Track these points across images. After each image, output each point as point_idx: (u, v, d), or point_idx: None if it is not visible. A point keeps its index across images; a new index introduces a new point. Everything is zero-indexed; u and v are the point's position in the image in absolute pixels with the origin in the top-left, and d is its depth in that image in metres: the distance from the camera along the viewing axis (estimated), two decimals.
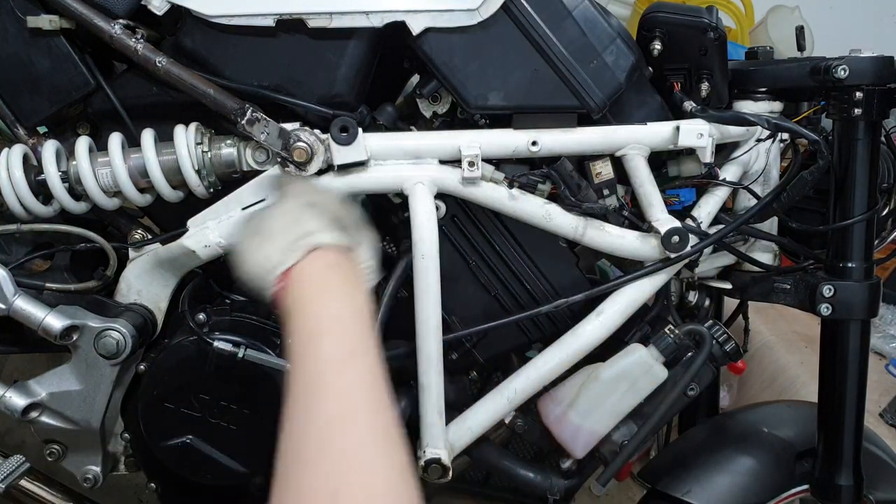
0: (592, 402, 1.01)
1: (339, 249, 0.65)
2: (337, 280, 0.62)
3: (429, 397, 0.96)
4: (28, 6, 0.90)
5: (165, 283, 1.01)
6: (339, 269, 0.63)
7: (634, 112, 0.98)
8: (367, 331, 0.59)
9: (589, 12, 0.91)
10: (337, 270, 0.63)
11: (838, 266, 0.97)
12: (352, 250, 0.66)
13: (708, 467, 1.07)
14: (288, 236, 0.64)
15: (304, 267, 0.63)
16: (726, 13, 2.21)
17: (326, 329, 0.58)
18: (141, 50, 0.87)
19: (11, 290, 0.92)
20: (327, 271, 0.63)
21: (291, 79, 0.92)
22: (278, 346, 1.02)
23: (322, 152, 0.90)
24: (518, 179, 0.95)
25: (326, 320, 0.59)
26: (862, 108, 0.91)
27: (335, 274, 0.63)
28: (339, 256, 0.64)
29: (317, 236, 0.64)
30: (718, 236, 0.97)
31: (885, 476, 1.11)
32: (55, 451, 1.05)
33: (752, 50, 1.10)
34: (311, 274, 0.62)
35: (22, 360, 1.67)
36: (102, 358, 0.96)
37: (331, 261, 0.63)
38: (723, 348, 1.03)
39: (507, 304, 1.04)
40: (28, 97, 0.94)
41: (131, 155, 0.92)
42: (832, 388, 1.00)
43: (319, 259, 0.63)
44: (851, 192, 0.94)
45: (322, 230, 0.65)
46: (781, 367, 1.78)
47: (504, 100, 0.92)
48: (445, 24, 0.88)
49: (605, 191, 0.97)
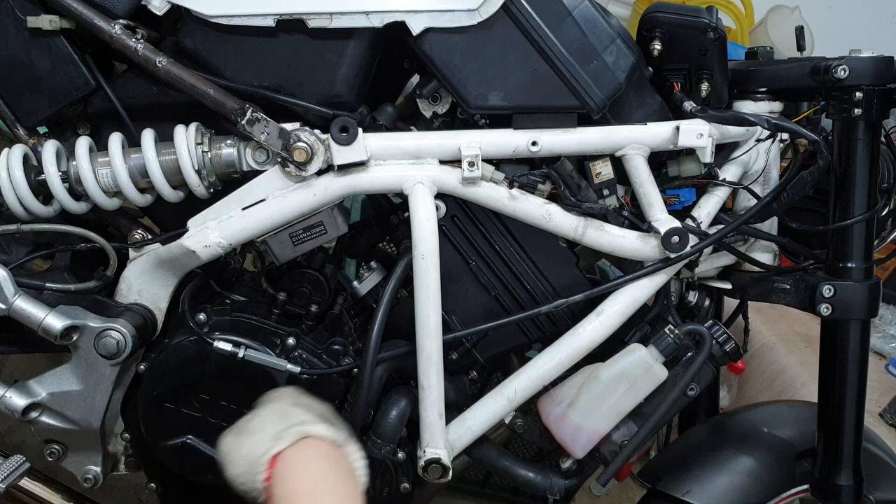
0: (592, 402, 1.01)
1: (330, 442, 0.63)
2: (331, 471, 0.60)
3: (429, 397, 0.96)
4: (28, 6, 0.90)
5: (165, 283, 1.01)
6: (332, 460, 0.61)
7: (634, 112, 0.98)
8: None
9: (589, 12, 0.91)
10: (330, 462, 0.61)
11: (838, 266, 0.97)
12: (342, 446, 0.64)
13: (708, 467, 1.07)
14: (278, 425, 0.63)
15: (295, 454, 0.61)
16: (726, 13, 2.21)
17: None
18: (141, 50, 0.87)
19: (11, 290, 0.92)
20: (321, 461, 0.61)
21: (291, 79, 0.92)
22: (278, 346, 1.02)
23: (322, 152, 0.90)
24: (518, 179, 0.95)
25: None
26: (862, 108, 0.91)
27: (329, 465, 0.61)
28: (332, 448, 0.63)
29: (308, 426, 0.63)
30: (718, 236, 0.97)
31: (885, 476, 1.11)
32: (55, 451, 1.05)
33: (752, 50, 1.10)
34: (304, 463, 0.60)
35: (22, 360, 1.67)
36: (102, 358, 0.96)
37: (323, 451, 0.62)
38: (723, 348, 1.03)
39: (507, 304, 1.04)
40: (28, 97, 0.94)
41: (131, 155, 0.92)
42: (832, 388, 1.00)
43: (312, 448, 0.61)
44: (851, 192, 0.94)
45: (313, 422, 0.63)
46: (781, 367, 1.78)
47: (504, 100, 0.92)
48: (445, 24, 0.88)
49: (605, 191, 0.97)
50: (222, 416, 1.01)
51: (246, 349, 0.98)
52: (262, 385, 0.99)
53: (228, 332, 1.00)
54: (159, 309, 1.02)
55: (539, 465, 1.12)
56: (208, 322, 1.01)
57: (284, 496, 0.57)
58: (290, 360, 1.00)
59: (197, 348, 0.99)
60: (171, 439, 1.02)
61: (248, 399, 1.00)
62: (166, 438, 1.02)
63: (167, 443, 1.02)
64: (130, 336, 0.95)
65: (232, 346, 0.98)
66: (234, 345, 0.98)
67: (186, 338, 0.99)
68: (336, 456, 0.61)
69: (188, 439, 1.01)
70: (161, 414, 1.01)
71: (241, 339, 0.99)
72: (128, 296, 1.00)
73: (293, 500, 0.56)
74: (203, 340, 0.98)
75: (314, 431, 0.62)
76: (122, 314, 0.98)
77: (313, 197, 0.93)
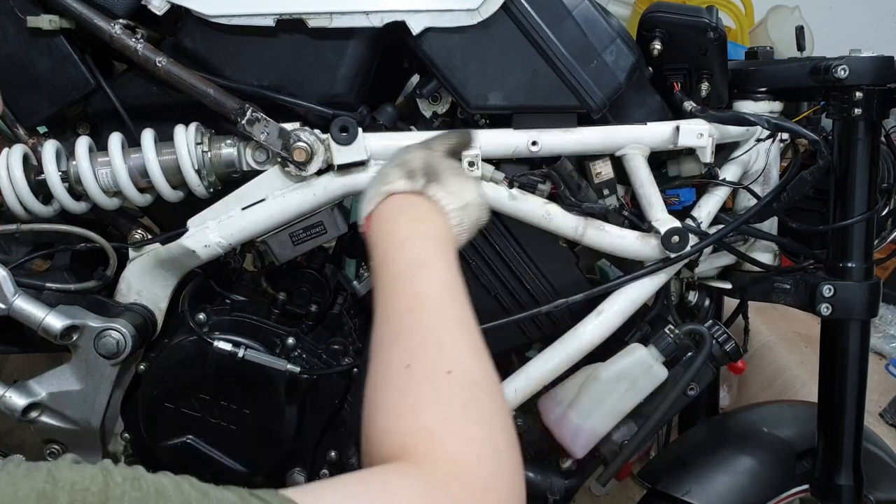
0: (592, 402, 1.01)
1: (410, 192, 0.74)
2: (408, 213, 0.73)
3: None
4: (28, 6, 0.90)
5: (165, 283, 1.01)
6: (410, 205, 0.73)
7: (634, 112, 0.98)
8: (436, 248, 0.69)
9: (589, 12, 0.91)
10: (408, 207, 0.73)
11: (838, 266, 0.97)
12: (423, 193, 0.74)
13: (708, 467, 1.07)
14: (372, 191, 0.75)
15: (379, 210, 0.74)
16: (726, 13, 2.21)
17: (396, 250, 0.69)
18: (141, 50, 0.87)
19: (11, 290, 0.92)
20: (398, 209, 0.73)
21: (291, 79, 0.92)
22: (278, 346, 1.02)
23: (322, 152, 0.90)
24: (518, 179, 0.95)
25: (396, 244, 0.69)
26: (862, 108, 0.91)
27: (406, 209, 0.73)
28: (410, 197, 0.73)
29: (390, 186, 0.74)
30: (718, 236, 0.97)
31: (885, 476, 1.11)
32: (55, 451, 1.05)
33: (752, 50, 1.10)
34: (383, 213, 0.73)
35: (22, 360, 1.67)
36: (102, 358, 0.96)
37: (400, 202, 0.73)
38: (723, 348, 1.03)
39: (507, 304, 1.04)
40: (28, 97, 0.94)
41: (131, 155, 0.92)
42: (832, 388, 1.00)
43: (391, 201, 0.73)
44: (851, 192, 0.94)
45: (396, 180, 0.74)
46: (781, 367, 1.78)
47: (504, 100, 0.92)
48: (445, 24, 0.88)
49: (605, 191, 0.97)
50: (222, 416, 1.01)
51: (246, 349, 0.98)
52: (262, 385, 0.99)
53: (228, 332, 1.00)
54: (159, 309, 1.02)
55: (539, 465, 1.12)
56: (208, 322, 1.01)
57: (373, 244, 0.71)
58: (290, 360, 1.00)
59: (197, 348, 0.99)
60: (171, 439, 1.02)
61: (248, 399, 1.00)
62: (166, 438, 1.02)
63: (167, 443, 1.02)
64: (130, 336, 0.95)
65: (232, 346, 0.98)
66: (234, 345, 0.98)
67: (186, 338, 0.99)
68: (413, 201, 0.73)
69: (188, 439, 1.01)
70: (161, 414, 1.01)
71: (241, 339, 0.99)
72: (128, 296, 1.00)
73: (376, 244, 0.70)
74: (203, 340, 0.98)
75: (394, 189, 0.73)
76: (121, 314, 0.98)
77: (313, 197, 0.93)
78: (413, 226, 0.71)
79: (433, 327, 0.61)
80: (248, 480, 1.02)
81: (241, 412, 1.01)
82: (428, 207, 0.73)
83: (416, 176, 0.74)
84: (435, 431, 0.53)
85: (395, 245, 0.69)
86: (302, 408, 1.05)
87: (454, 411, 0.55)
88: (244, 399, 1.00)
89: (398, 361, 0.59)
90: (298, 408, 1.04)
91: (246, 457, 1.02)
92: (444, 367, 0.57)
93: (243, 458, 1.02)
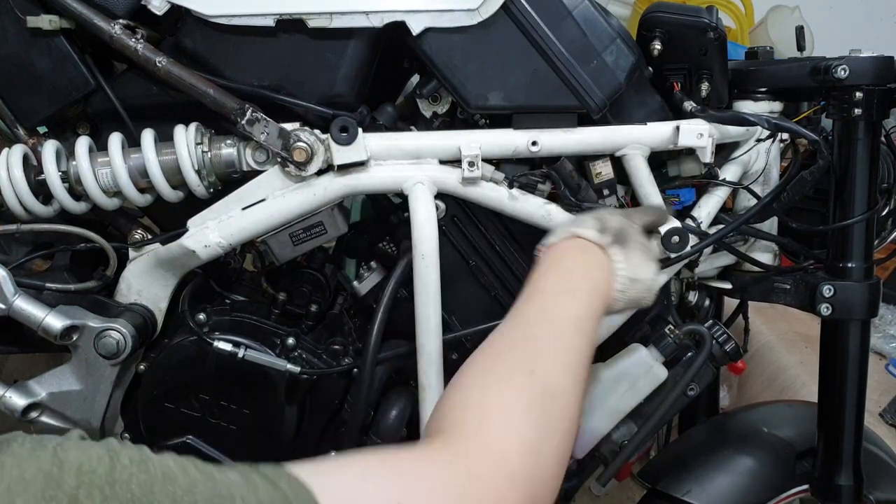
0: (592, 402, 1.01)
1: (595, 242, 0.77)
2: (579, 257, 0.75)
3: (429, 397, 0.96)
4: (28, 6, 0.90)
5: (165, 283, 1.01)
6: (586, 252, 0.75)
7: (634, 112, 0.98)
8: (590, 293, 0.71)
9: (589, 12, 0.91)
10: (583, 252, 0.75)
11: (838, 266, 0.97)
12: (605, 249, 0.76)
13: (708, 467, 1.07)
14: (563, 228, 0.79)
15: (560, 244, 0.77)
16: (726, 13, 2.21)
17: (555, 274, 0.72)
18: (141, 50, 0.87)
19: (11, 290, 0.92)
20: (574, 251, 0.76)
21: (291, 79, 0.92)
22: (278, 346, 1.02)
23: (322, 152, 0.90)
24: (518, 179, 0.95)
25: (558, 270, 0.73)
26: (862, 108, 0.91)
27: (579, 253, 0.75)
28: (592, 247, 0.76)
29: (580, 229, 0.77)
30: (718, 236, 0.97)
31: (885, 476, 1.11)
32: None
33: (752, 50, 1.10)
34: (561, 248, 0.76)
35: (22, 360, 1.67)
36: (102, 358, 0.96)
37: (582, 245, 0.76)
38: (723, 348, 1.03)
39: (508, 304, 1.03)
40: (28, 97, 0.94)
41: (131, 155, 0.92)
42: (832, 388, 1.00)
43: (575, 242, 0.76)
44: (851, 192, 0.94)
45: (588, 228, 0.77)
46: (781, 367, 1.78)
47: (504, 100, 0.92)
48: (445, 24, 0.88)
49: (605, 191, 0.97)
50: (222, 416, 1.01)
51: (246, 349, 0.98)
52: (262, 385, 0.99)
53: (228, 332, 1.00)
54: (159, 309, 1.02)
55: None
56: (208, 322, 1.01)
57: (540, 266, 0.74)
58: (290, 360, 1.00)
59: (197, 348, 0.99)
60: (171, 439, 1.02)
61: (248, 399, 1.00)
62: (166, 438, 1.02)
63: (167, 443, 1.02)
64: (130, 336, 0.95)
65: (232, 346, 0.98)
66: (234, 345, 0.98)
67: (186, 338, 0.99)
68: (592, 251, 0.75)
69: (188, 439, 1.01)
70: (161, 414, 1.01)
71: (241, 339, 0.99)
72: (128, 296, 1.00)
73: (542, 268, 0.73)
74: (203, 340, 0.98)
75: (581, 233, 0.76)
76: (121, 314, 0.98)
77: (313, 197, 0.93)
78: (582, 267, 0.74)
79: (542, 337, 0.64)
80: None
81: (241, 412, 1.01)
82: (602, 262, 0.75)
83: (606, 232, 0.77)
84: (491, 415, 0.54)
85: (557, 270, 0.73)
86: (302, 408, 1.05)
87: (518, 405, 0.56)
88: (244, 399, 1.00)
89: (494, 350, 0.62)
90: (298, 408, 1.04)
91: (246, 457, 1.01)
92: (530, 366, 0.60)
93: (243, 458, 1.01)
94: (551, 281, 0.72)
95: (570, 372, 0.63)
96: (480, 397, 0.57)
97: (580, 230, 0.77)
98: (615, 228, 0.78)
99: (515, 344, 0.63)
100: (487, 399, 0.56)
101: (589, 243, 0.76)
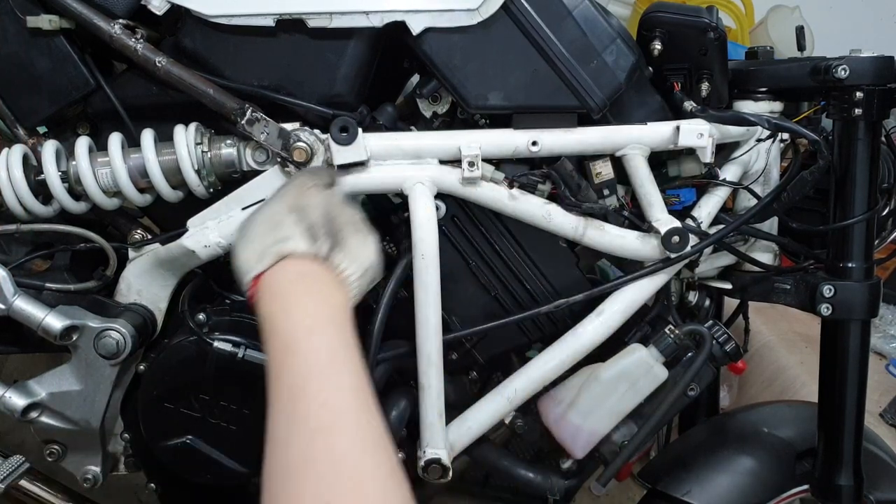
0: (592, 402, 1.01)
1: (312, 258, 0.65)
2: (306, 290, 0.62)
3: (429, 397, 0.96)
4: (28, 6, 0.90)
5: (165, 283, 1.01)
6: (309, 278, 0.63)
7: (634, 112, 0.98)
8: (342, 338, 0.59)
9: (589, 12, 0.91)
10: (306, 280, 0.63)
11: (838, 266, 0.97)
12: (327, 259, 0.65)
13: (708, 467, 1.07)
14: (264, 241, 0.65)
15: (273, 276, 0.63)
16: (726, 13, 2.21)
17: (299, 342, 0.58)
18: (141, 50, 0.87)
19: (11, 290, 0.92)
20: (296, 282, 0.63)
21: (291, 79, 0.92)
22: None
23: (322, 152, 0.90)
24: (518, 179, 0.95)
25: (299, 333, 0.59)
26: (862, 108, 0.91)
27: (304, 284, 0.63)
28: (311, 265, 0.64)
29: (289, 244, 0.64)
30: (718, 236, 0.97)
31: (885, 476, 1.11)
32: (55, 451, 1.05)
33: (752, 50, 1.10)
34: (279, 284, 0.62)
35: (22, 360, 1.67)
36: (102, 358, 0.96)
37: (301, 270, 0.63)
38: (723, 348, 1.03)
39: (507, 305, 1.04)
40: (28, 97, 0.94)
41: (131, 155, 0.92)
42: (832, 388, 1.00)
43: (289, 268, 0.63)
44: (851, 192, 0.94)
45: (295, 237, 0.64)
46: (781, 367, 1.78)
47: (504, 100, 0.92)
48: (445, 24, 0.88)
49: (605, 191, 0.97)
50: (222, 416, 1.01)
51: (246, 349, 0.98)
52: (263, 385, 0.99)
53: (228, 332, 1.00)
54: (159, 309, 1.02)
55: (539, 465, 1.12)
56: (208, 322, 1.00)
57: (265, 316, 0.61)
58: None
59: (197, 348, 0.99)
60: (171, 439, 1.01)
61: (248, 399, 1.00)
62: (166, 438, 1.02)
63: (167, 443, 1.02)
64: (130, 336, 0.95)
65: (232, 346, 0.98)
66: (234, 345, 0.98)
67: (186, 338, 0.99)
68: (315, 272, 0.63)
69: (188, 439, 1.01)
70: (161, 414, 1.01)
71: (241, 339, 0.99)
72: (127, 296, 1.00)
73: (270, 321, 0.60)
74: (203, 340, 0.97)
75: (294, 250, 0.63)
76: (121, 314, 0.98)
77: None
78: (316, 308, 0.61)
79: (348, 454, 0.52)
80: (247, 480, 1.02)
81: (241, 412, 1.01)
82: (329, 281, 0.64)
83: (317, 234, 0.66)
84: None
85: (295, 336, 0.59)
86: None
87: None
88: (244, 399, 1.00)
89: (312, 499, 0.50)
90: None
91: (246, 457, 1.02)
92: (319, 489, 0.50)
93: (243, 458, 1.02)
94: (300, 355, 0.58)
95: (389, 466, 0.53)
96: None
97: (288, 246, 0.64)
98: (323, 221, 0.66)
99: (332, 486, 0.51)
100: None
101: (304, 262, 0.64)
